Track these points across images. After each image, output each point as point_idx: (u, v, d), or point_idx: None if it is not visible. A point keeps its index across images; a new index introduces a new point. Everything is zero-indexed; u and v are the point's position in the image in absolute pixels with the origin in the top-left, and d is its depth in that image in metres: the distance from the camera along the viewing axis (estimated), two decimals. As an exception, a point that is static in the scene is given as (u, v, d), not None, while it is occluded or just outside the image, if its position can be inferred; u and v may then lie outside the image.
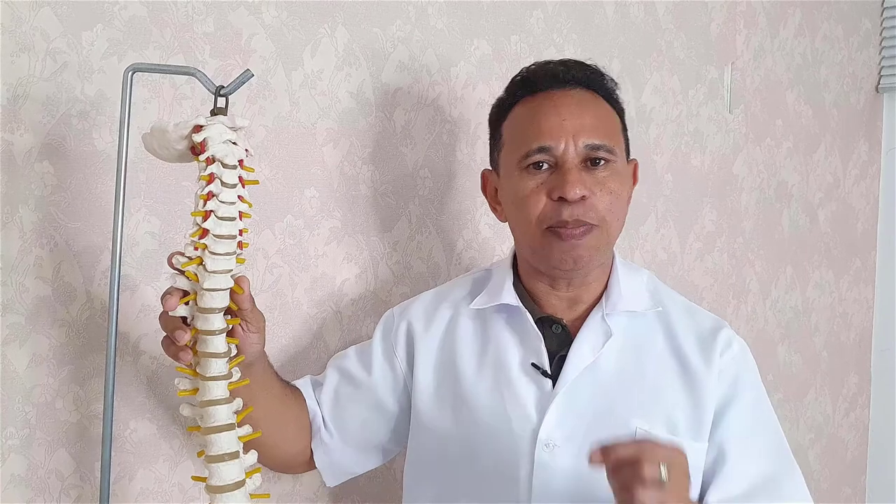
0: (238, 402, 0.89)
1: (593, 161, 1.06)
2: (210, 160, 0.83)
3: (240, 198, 0.85)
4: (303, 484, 1.30)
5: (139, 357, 1.12)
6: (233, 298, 0.88)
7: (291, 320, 1.27)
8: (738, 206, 1.96)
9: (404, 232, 1.39)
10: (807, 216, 2.15)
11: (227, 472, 0.86)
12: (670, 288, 1.19)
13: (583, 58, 1.16)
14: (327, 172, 1.29)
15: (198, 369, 0.87)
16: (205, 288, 0.84)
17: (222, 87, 0.86)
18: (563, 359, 1.07)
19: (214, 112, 0.85)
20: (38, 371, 1.03)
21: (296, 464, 1.17)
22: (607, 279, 1.12)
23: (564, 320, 1.10)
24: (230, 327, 0.89)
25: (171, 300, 0.85)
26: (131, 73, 0.88)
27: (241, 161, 0.85)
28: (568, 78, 1.10)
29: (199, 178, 0.83)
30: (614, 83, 1.14)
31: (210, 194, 0.83)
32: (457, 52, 1.43)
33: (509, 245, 1.16)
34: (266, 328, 0.97)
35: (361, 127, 1.32)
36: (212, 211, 0.83)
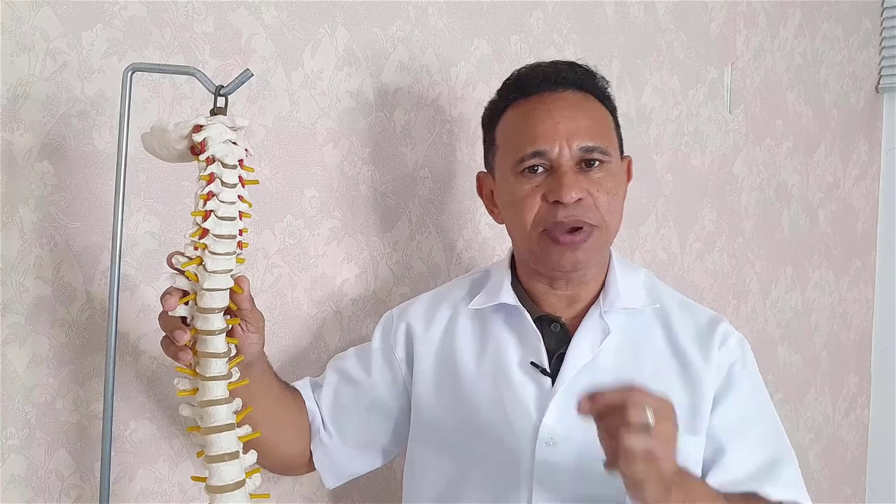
0: (238, 402, 0.89)
1: (588, 162, 1.06)
2: (210, 160, 0.83)
3: (240, 198, 0.85)
4: (303, 484, 1.29)
5: (139, 357, 1.12)
6: (232, 298, 0.88)
7: (291, 320, 1.27)
8: (738, 206, 1.96)
9: (404, 232, 1.39)
10: (807, 216, 2.15)
11: (227, 472, 0.86)
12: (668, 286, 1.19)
13: (583, 58, 1.16)
14: (327, 172, 1.29)
15: (197, 369, 0.87)
16: (205, 288, 0.84)
17: (222, 86, 0.86)
18: (561, 357, 1.08)
19: (214, 112, 0.85)
20: (38, 371, 1.03)
21: (295, 465, 1.17)
22: (605, 277, 1.13)
23: (563, 319, 1.11)
24: (230, 327, 0.89)
25: (171, 300, 0.85)
26: (131, 72, 0.88)
27: (241, 161, 0.85)
28: (560, 80, 1.10)
29: (199, 178, 0.83)
30: (605, 81, 1.14)
31: (210, 194, 0.83)
32: (457, 52, 1.43)
33: (509, 245, 1.16)
34: (266, 328, 0.97)
35: (361, 127, 1.32)
36: (212, 211, 0.83)
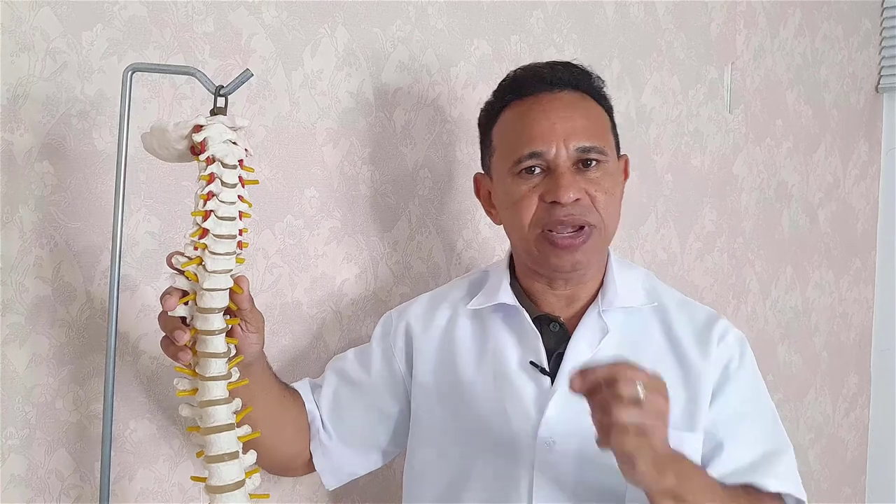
0: (237, 402, 0.89)
1: (585, 162, 1.07)
2: (210, 160, 0.83)
3: (240, 198, 0.85)
4: (303, 484, 1.29)
5: (139, 357, 1.12)
6: (232, 298, 0.88)
7: (291, 320, 1.27)
8: (738, 206, 1.96)
9: (404, 232, 1.39)
10: (807, 216, 2.15)
11: (227, 473, 0.86)
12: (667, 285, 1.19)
13: (583, 58, 1.16)
14: (327, 172, 1.29)
15: (197, 369, 0.87)
16: (204, 288, 0.84)
17: (222, 86, 0.86)
18: (561, 356, 1.08)
19: (214, 112, 0.85)
20: (38, 371, 1.03)
21: (295, 466, 1.17)
22: (603, 276, 1.13)
23: (561, 318, 1.11)
24: (229, 327, 0.89)
25: (171, 300, 0.85)
26: (131, 72, 0.88)
27: (241, 161, 0.85)
28: (555, 80, 1.10)
29: (199, 178, 0.83)
30: (601, 81, 1.14)
31: (210, 194, 0.83)
32: (457, 52, 1.43)
33: (509, 245, 1.16)
34: (266, 328, 0.97)
35: (361, 127, 1.32)
36: (212, 211, 0.83)
